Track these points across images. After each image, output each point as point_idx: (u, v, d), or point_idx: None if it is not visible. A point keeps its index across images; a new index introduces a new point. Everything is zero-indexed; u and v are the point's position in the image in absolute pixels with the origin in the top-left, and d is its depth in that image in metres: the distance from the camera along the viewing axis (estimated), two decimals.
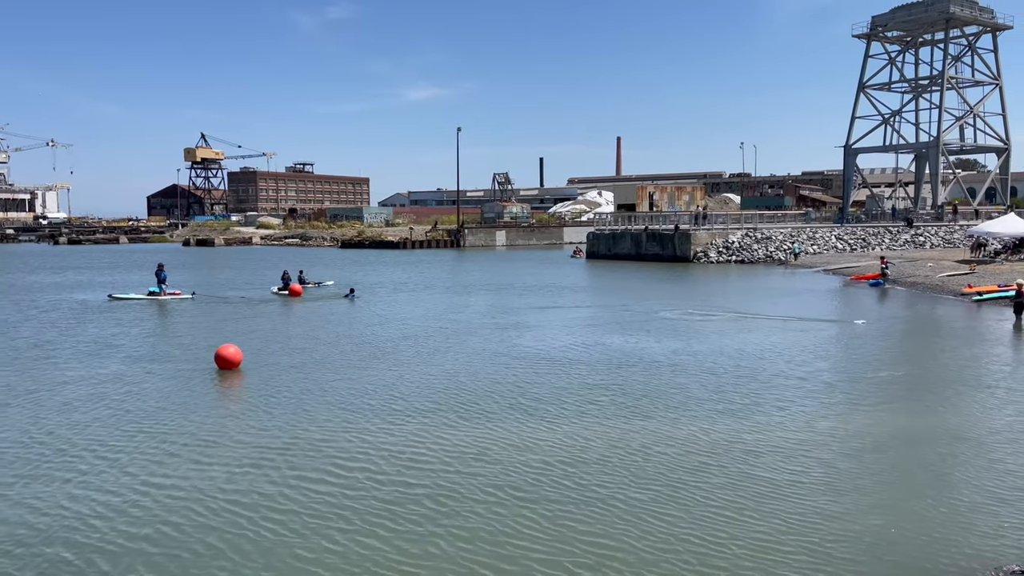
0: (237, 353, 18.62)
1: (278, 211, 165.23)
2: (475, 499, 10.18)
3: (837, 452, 12.00)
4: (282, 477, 11.05)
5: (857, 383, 16.76)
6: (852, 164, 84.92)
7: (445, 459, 11.76)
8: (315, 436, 13.00)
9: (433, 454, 12.01)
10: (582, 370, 18.14)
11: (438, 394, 15.87)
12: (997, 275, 36.58)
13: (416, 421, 13.86)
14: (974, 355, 20.23)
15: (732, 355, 19.84)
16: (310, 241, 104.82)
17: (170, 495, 10.37)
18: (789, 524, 9.33)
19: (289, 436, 13.02)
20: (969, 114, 79.58)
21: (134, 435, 13.13)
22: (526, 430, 13.21)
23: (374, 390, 16.26)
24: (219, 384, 17.30)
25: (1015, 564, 8.26)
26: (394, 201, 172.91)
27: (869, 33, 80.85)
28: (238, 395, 16.34)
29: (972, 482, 10.74)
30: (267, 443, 12.64)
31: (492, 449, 12.21)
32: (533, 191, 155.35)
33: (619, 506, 9.91)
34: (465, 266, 59.91)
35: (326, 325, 26.41)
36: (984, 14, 77.39)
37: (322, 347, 21.71)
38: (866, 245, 59.88)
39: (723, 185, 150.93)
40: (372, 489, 10.56)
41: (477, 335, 23.68)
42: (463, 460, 11.71)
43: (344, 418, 14.08)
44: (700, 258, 55.65)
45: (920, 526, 9.29)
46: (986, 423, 13.68)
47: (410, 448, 12.30)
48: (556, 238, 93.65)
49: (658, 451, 12.04)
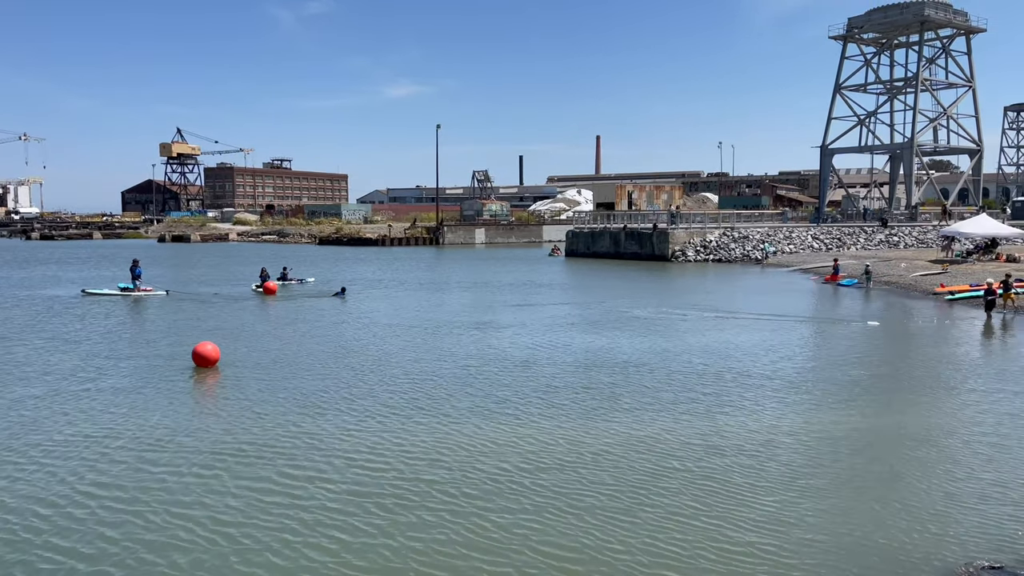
0: (215, 351, 18.44)
1: (255, 207, 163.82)
2: (441, 499, 10.15)
3: (806, 451, 12.09)
4: (257, 475, 10.96)
5: (826, 382, 16.89)
6: (828, 164, 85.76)
7: (409, 458, 11.71)
8: (290, 433, 12.91)
9: (398, 453, 11.94)
10: (552, 370, 18.05)
11: (408, 393, 15.80)
12: (969, 275, 37.13)
13: (388, 420, 13.78)
14: (944, 354, 20.53)
15: (701, 354, 19.91)
16: (287, 238, 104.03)
17: (141, 494, 10.25)
18: (758, 523, 9.39)
19: (264, 433, 12.92)
20: (943, 116, 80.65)
21: (106, 434, 12.96)
22: (492, 430, 13.17)
23: (348, 388, 16.17)
24: (196, 381, 17.12)
25: (986, 560, 8.39)
26: (373, 198, 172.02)
27: (845, 35, 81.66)
28: (216, 392, 16.19)
29: (943, 479, 10.89)
30: (243, 441, 12.53)
31: (457, 449, 12.18)
32: (513, 189, 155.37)
33: (581, 506, 9.91)
34: (443, 264, 59.80)
35: (303, 323, 26.23)
36: (958, 17, 78.43)
37: (298, 345, 21.56)
38: (842, 245, 60.52)
39: (701, 184, 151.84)
40: (344, 487, 10.50)
41: (450, 334, 23.62)
42: (427, 460, 11.66)
43: (318, 416, 13.99)
44: (678, 257, 55.96)
45: (892, 523, 9.40)
46: (957, 421, 13.87)
47: (380, 447, 12.24)
48: (535, 236, 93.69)
49: (620, 451, 12.01)
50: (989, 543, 8.82)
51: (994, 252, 45.06)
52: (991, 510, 9.74)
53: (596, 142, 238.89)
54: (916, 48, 78.93)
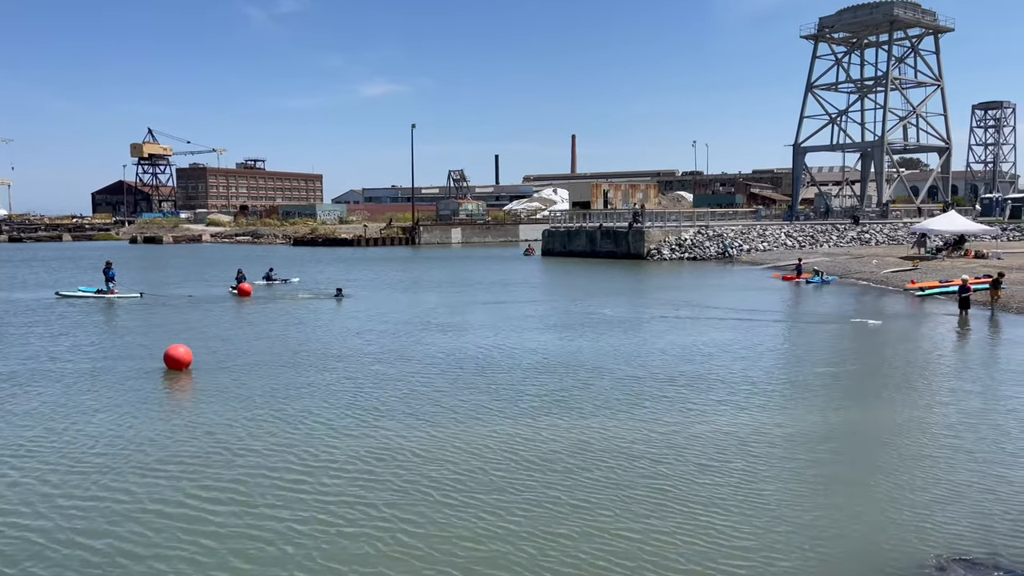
0: (187, 353, 18.21)
1: (229, 208, 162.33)
2: (414, 501, 10.10)
3: (777, 448, 12.14)
4: (225, 479, 10.83)
5: (791, 381, 16.95)
6: (801, 163, 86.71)
7: (381, 461, 11.62)
8: (260, 436, 12.77)
9: (370, 457, 11.83)
10: (522, 371, 17.88)
11: (380, 396, 15.67)
12: (939, 271, 37.70)
13: (360, 423, 13.66)
14: (917, 351, 20.83)
15: (670, 354, 19.87)
16: (262, 239, 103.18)
17: (111, 498, 10.09)
18: (729, 521, 9.42)
19: (234, 437, 12.77)
20: (912, 114, 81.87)
21: (70, 439, 12.74)
22: (463, 432, 13.09)
23: (321, 391, 16.00)
24: (167, 384, 16.90)
25: (957, 553, 8.50)
26: (348, 198, 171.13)
27: (816, 34, 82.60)
28: (186, 396, 15.99)
29: (915, 474, 11.01)
30: (211, 444, 12.39)
31: (430, 451, 12.10)
32: (489, 188, 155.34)
33: (546, 507, 9.89)
34: (419, 264, 59.62)
35: (278, 324, 26.00)
36: (927, 17, 79.64)
37: (272, 347, 21.35)
38: (815, 242, 61.18)
39: (676, 183, 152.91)
40: (314, 491, 10.41)
41: (422, 335, 23.52)
42: (399, 461, 11.59)
43: (289, 420, 13.85)
44: (653, 255, 56.24)
45: (863, 518, 9.48)
46: (928, 418, 14.04)
47: (352, 450, 12.14)
48: (512, 236, 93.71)
49: (586, 451, 11.97)
50: (959, 536, 8.93)
51: (963, 248, 45.80)
52: (961, 504, 9.86)
53: (571, 141, 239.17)
54: (886, 47, 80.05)
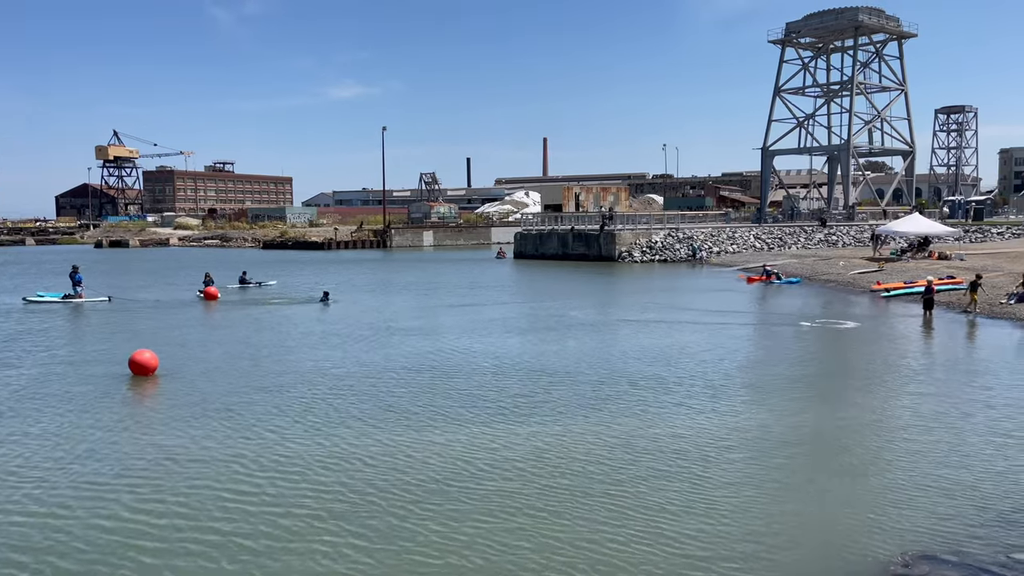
0: (152, 359, 17.92)
1: (197, 211, 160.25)
2: (384, 507, 10.04)
3: (740, 451, 12.20)
4: (188, 487, 10.67)
5: (758, 382, 17.10)
6: (769, 166, 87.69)
7: (350, 468, 11.56)
8: (225, 443, 12.61)
9: (338, 463, 11.74)
10: (483, 375, 17.78)
11: (349, 401, 15.58)
12: (903, 272, 38.34)
13: (328, 429, 13.56)
14: (882, 351, 21.14)
15: (639, 356, 19.95)
16: (231, 242, 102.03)
17: (71, 505, 9.90)
18: (695, 521, 9.48)
19: (198, 444, 12.60)
20: (877, 118, 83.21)
21: (31, 446, 12.47)
22: (430, 437, 13.06)
23: (287, 396, 15.84)
24: (132, 390, 16.61)
25: (922, 551, 8.63)
26: (318, 201, 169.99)
27: (783, 39, 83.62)
28: (152, 402, 15.73)
29: (877, 475, 11.17)
30: (175, 452, 12.20)
31: (399, 457, 12.05)
32: (460, 191, 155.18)
33: (513, 509, 9.89)
34: (390, 267, 59.36)
35: (246, 329, 25.71)
36: (890, 22, 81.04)
37: (240, 352, 21.11)
38: (783, 244, 61.91)
39: (647, 186, 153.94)
40: (277, 498, 10.30)
41: (391, 339, 23.43)
42: (368, 468, 11.52)
43: (256, 426, 13.70)
44: (625, 258, 56.53)
45: (830, 516, 9.60)
46: (890, 418, 14.25)
47: (318, 457, 12.04)
48: (484, 238, 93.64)
49: (544, 457, 11.92)
50: (923, 534, 9.06)
51: (927, 250, 46.63)
52: (922, 504, 10.00)
53: (543, 144, 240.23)
54: (851, 53, 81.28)
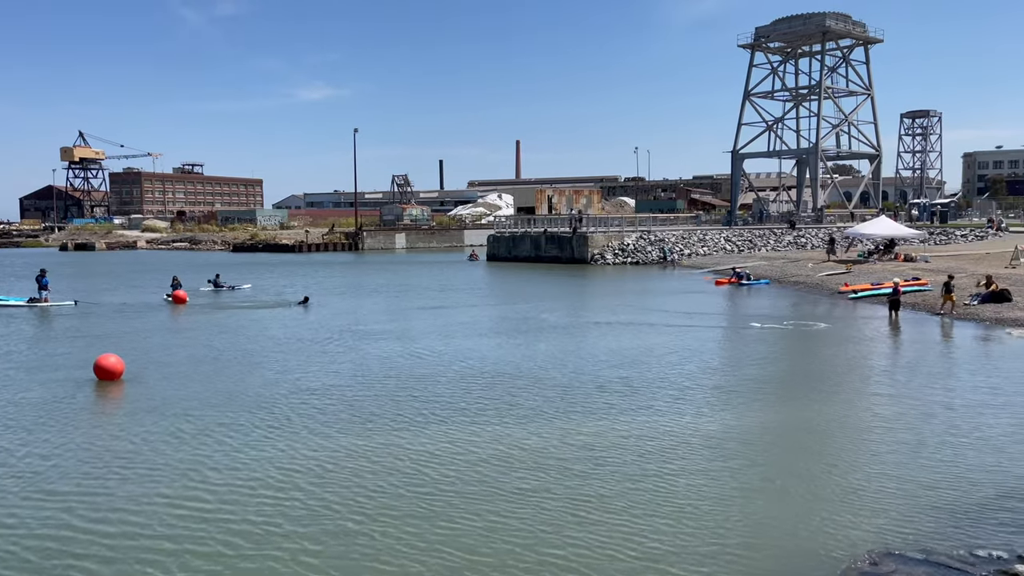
0: (118, 363, 17.62)
1: (165, 214, 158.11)
2: (350, 512, 9.97)
3: (708, 450, 12.29)
4: (152, 494, 10.50)
5: (733, 382, 17.28)
6: (739, 169, 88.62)
7: (316, 474, 11.46)
8: (192, 449, 12.44)
9: (304, 470, 11.65)
10: (449, 379, 17.74)
11: (317, 406, 15.45)
12: (870, 274, 38.92)
13: (295, 435, 13.44)
14: (848, 353, 21.43)
15: (603, 359, 19.98)
16: (200, 245, 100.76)
17: (18, 514, 9.68)
18: (659, 521, 9.52)
19: (164, 449, 12.41)
20: (844, 122, 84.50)
21: None
22: (399, 441, 13.01)
23: (255, 402, 15.68)
24: (98, 395, 16.32)
25: (889, 548, 8.74)
26: (289, 203, 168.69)
27: (753, 43, 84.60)
28: (117, 407, 15.46)
29: (843, 473, 11.30)
30: (140, 458, 12.00)
31: (366, 462, 11.97)
32: (433, 193, 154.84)
33: (461, 522, 9.87)
34: (362, 269, 59.01)
35: (214, 333, 25.39)
36: (857, 28, 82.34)
37: (207, 356, 20.84)
38: (753, 246, 62.55)
39: (619, 189, 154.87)
40: (244, 505, 10.18)
41: (360, 342, 23.29)
42: (335, 473, 11.44)
43: (223, 432, 13.53)
44: (597, 260, 56.75)
45: (796, 516, 9.69)
46: (856, 418, 14.42)
47: (283, 463, 11.93)
48: (457, 241, 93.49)
49: (507, 460, 11.94)
50: (890, 532, 9.18)
51: (893, 252, 47.36)
52: (890, 501, 10.15)
53: (516, 147, 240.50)
54: (819, 57, 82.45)
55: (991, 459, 11.59)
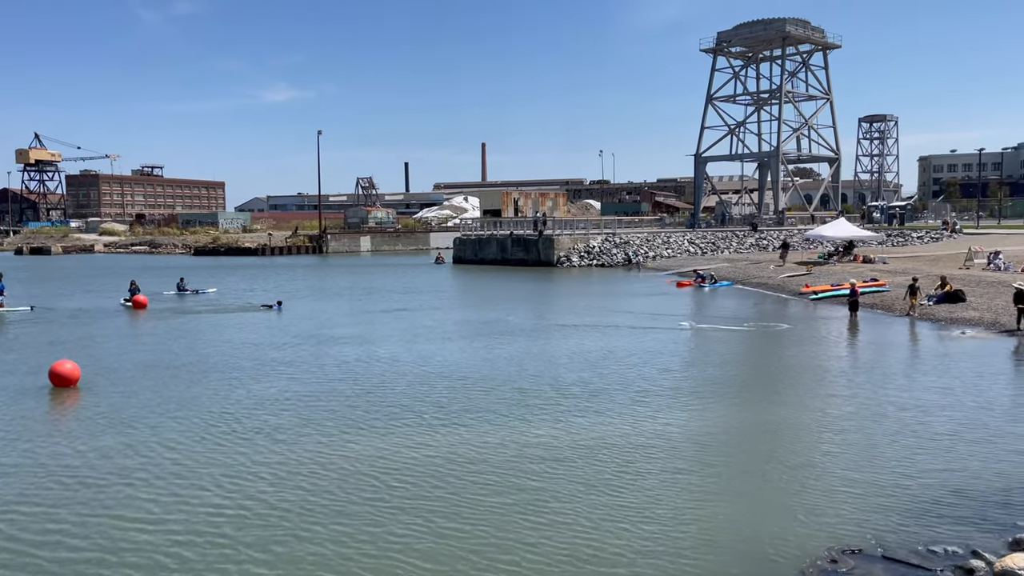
0: (74, 369, 17.23)
1: (124, 217, 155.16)
2: (307, 519, 9.87)
3: (668, 451, 12.40)
4: (109, 501, 10.29)
5: (695, 384, 17.47)
6: (702, 172, 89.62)
7: (278, 480, 11.34)
8: (148, 455, 12.22)
9: (266, 476, 11.53)
10: (408, 383, 17.64)
11: (276, 411, 15.30)
12: (830, 275, 39.59)
13: (256, 441, 13.28)
14: (808, 353, 21.78)
15: (564, 362, 20.05)
16: (160, 248, 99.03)
17: None
18: (625, 522, 9.58)
19: (121, 456, 12.17)
20: (804, 126, 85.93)
21: None
22: (357, 446, 12.94)
23: (213, 408, 15.46)
24: (53, 402, 15.93)
25: (846, 545, 8.88)
26: (252, 206, 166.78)
27: (715, 48, 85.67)
28: (73, 414, 15.11)
29: (802, 472, 11.47)
30: (96, 465, 11.74)
31: (324, 467, 11.88)
32: (399, 196, 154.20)
33: (439, 516, 9.86)
34: (326, 272, 58.50)
35: (173, 338, 24.97)
36: (816, 34, 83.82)
37: (166, 362, 20.48)
38: (716, 248, 63.27)
39: (584, 192, 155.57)
40: (202, 512, 10.02)
41: (315, 347, 23.09)
42: (293, 479, 11.33)
43: (180, 439, 13.32)
44: (563, 262, 56.96)
45: (758, 514, 9.82)
46: (813, 417, 14.65)
47: (241, 470, 11.78)
48: (423, 244, 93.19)
49: (465, 464, 11.96)
50: (849, 529, 9.33)
51: (852, 254, 48.26)
52: (848, 499, 10.32)
53: (482, 149, 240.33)
54: (779, 62, 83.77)
55: (941, 458, 11.85)
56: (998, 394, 15.93)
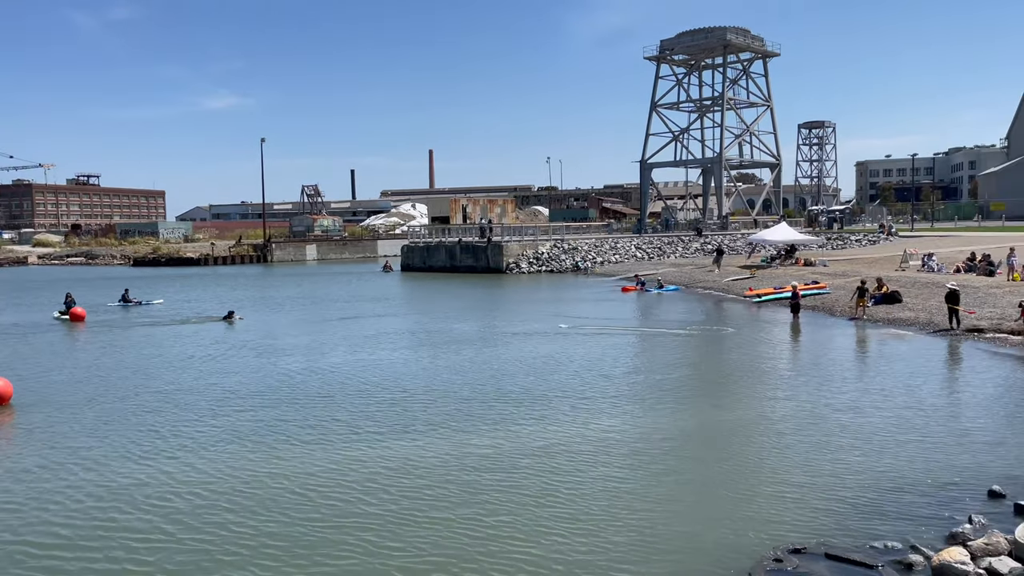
0: (6, 387, 16.56)
1: (59, 227, 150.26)
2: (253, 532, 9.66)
3: (607, 456, 12.43)
4: (43, 522, 9.90)
5: (634, 389, 17.62)
6: (648, 178, 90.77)
7: (221, 495, 11.09)
8: (86, 475, 11.81)
9: (209, 491, 11.27)
10: (349, 393, 17.48)
11: (218, 425, 14.98)
12: (773, 278, 40.44)
13: (197, 458, 12.96)
14: (750, 354, 22.17)
15: (507, 370, 20.07)
16: (97, 259, 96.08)
17: None
18: (575, 525, 9.60)
19: (57, 477, 11.74)
20: (746, 132, 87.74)
21: None
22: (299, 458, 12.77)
23: (155, 424, 15.06)
24: None
25: (791, 544, 9.03)
26: (194, 215, 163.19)
27: (658, 56, 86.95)
28: (4, 435, 14.51)
29: (744, 474, 11.65)
30: (31, 488, 11.29)
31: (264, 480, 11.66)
32: (345, 204, 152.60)
33: (402, 520, 9.76)
34: (270, 281, 57.47)
35: (112, 352, 24.22)
36: (756, 42, 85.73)
37: (105, 377, 19.85)
38: (662, 253, 64.12)
39: (532, 198, 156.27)
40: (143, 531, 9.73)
41: (258, 358, 22.70)
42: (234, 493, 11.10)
43: (120, 456, 12.92)
44: (512, 269, 57.03)
45: (704, 516, 9.92)
46: (758, 418, 14.92)
47: (187, 486, 11.49)
48: (370, 251, 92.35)
49: (411, 472, 11.91)
50: (792, 529, 9.49)
51: (793, 257, 49.39)
52: (790, 499, 10.51)
53: (429, 156, 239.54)
54: (721, 70, 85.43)
55: (877, 458, 12.13)
56: (928, 393, 16.43)
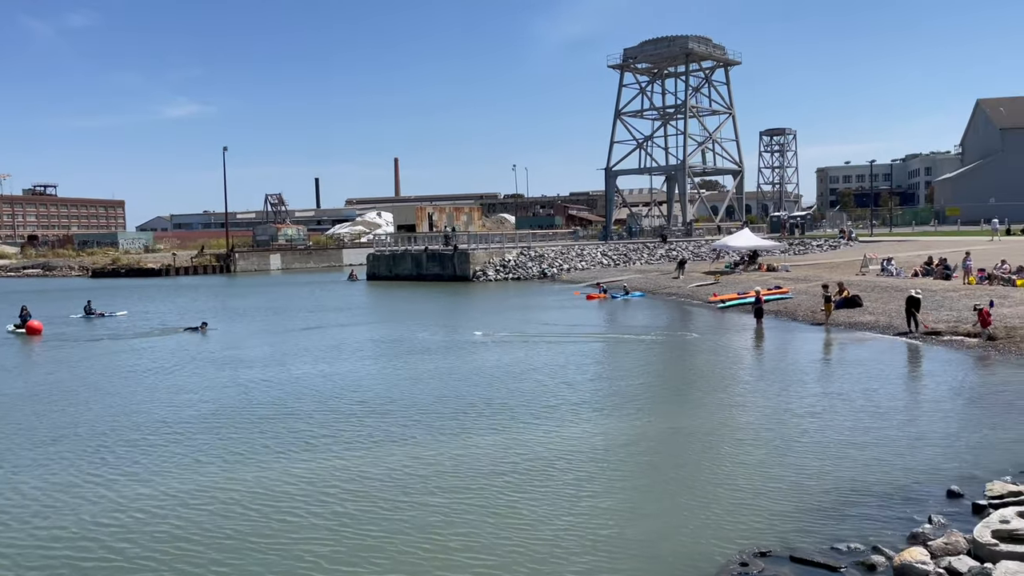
0: None
1: (15, 239, 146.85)
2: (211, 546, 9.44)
3: (570, 463, 12.39)
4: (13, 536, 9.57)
5: (603, 394, 17.65)
6: (612, 185, 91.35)
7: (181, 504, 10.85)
8: (47, 491, 11.47)
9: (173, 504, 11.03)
10: (309, 404, 17.23)
11: (156, 440, 14.68)
12: (736, 284, 40.86)
13: (164, 471, 12.69)
14: (715, 361, 22.32)
15: (471, 379, 20.01)
16: (54, 271, 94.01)
17: None
18: (542, 530, 9.54)
19: (18, 493, 11.37)
20: (709, 140, 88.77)
21: None
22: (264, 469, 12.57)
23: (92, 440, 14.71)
24: None
25: (757, 547, 9.04)
26: (155, 225, 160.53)
27: (622, 64, 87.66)
28: None
29: (709, 479, 11.68)
30: None
31: (230, 493, 11.43)
32: (309, 212, 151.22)
33: (374, 525, 9.62)
34: (233, 291, 56.66)
35: (70, 367, 23.63)
36: (717, 51, 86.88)
37: (65, 392, 19.35)
38: (628, 260, 64.49)
39: (499, 206, 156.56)
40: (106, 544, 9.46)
41: (216, 370, 22.33)
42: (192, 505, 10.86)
43: (79, 471, 12.58)
44: (479, 277, 56.94)
45: (671, 520, 9.91)
46: (717, 422, 15.00)
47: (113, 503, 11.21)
48: (335, 260, 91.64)
49: (370, 484, 11.82)
50: (757, 533, 9.52)
51: (757, 263, 49.99)
52: (755, 504, 10.54)
53: (394, 164, 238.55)
54: (683, 78, 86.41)
55: (837, 461, 12.22)
56: (887, 396, 16.64)
